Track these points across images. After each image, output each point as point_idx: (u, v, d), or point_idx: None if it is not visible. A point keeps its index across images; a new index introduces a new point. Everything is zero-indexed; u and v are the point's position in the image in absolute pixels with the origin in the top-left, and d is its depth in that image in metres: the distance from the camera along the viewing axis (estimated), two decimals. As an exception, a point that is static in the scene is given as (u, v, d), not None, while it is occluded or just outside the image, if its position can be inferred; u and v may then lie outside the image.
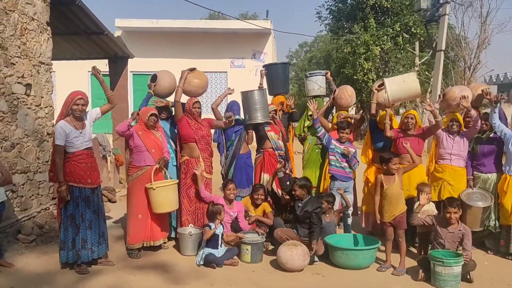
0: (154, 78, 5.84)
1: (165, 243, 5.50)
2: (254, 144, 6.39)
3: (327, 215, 5.49)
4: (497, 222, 5.42)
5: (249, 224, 5.65)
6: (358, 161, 5.94)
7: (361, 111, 16.17)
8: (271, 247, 5.53)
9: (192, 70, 5.75)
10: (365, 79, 19.66)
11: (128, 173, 5.24)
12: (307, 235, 5.09)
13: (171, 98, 5.97)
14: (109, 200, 7.85)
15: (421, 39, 21.24)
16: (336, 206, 5.68)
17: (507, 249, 5.27)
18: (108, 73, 8.89)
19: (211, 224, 5.11)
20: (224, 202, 5.50)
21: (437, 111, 5.54)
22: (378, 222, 5.10)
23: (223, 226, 5.20)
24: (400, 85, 5.76)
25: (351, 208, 5.88)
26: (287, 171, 6.51)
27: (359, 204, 6.50)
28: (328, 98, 6.85)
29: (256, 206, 5.91)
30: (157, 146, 5.26)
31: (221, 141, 6.33)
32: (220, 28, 17.90)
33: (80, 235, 4.60)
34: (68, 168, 4.53)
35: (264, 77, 6.89)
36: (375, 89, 6.08)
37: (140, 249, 5.20)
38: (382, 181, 5.06)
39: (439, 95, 6.04)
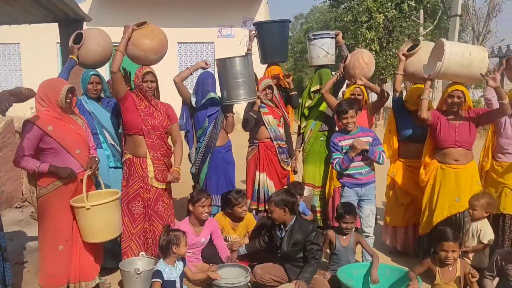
0: (78, 38, 4.02)
1: (103, 281, 3.79)
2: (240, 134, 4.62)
3: (344, 236, 3.81)
4: None
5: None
6: (383, 152, 4.08)
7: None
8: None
9: (141, 25, 3.90)
10: (368, 50, 17.97)
11: (38, 183, 3.37)
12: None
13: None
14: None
15: (428, 5, 19.69)
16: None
17: None
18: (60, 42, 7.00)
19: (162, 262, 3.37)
20: (189, 227, 3.81)
21: (502, 89, 3.78)
22: None
23: (184, 262, 3.47)
24: (463, 59, 3.83)
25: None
26: (290, 170, 4.82)
27: (379, 213, 4.82)
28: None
29: (234, 222, 4.22)
30: (81, 141, 3.46)
31: (189, 129, 4.58)
32: (206, -8, 15.95)
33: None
34: None
35: (255, 40, 5.10)
36: (403, 54, 4.33)
37: (64, 295, 3.48)
38: (435, 271, 3.30)
39: (501, 61, 4.25)
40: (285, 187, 4.57)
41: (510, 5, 52.86)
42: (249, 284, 3.61)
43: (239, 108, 4.94)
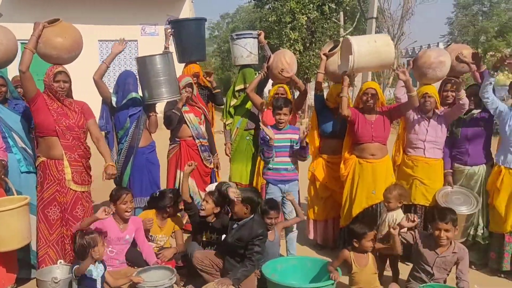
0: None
1: (16, 291, 3.55)
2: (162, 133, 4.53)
3: (270, 231, 3.87)
4: (485, 230, 4.12)
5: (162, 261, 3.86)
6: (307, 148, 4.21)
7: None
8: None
9: (53, 22, 3.68)
10: (292, 50, 18.41)
11: None
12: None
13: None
14: None
15: (347, 8, 20.59)
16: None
17: (499, 264, 4.00)
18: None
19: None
20: (113, 222, 3.67)
21: (411, 82, 4.05)
22: None
23: (104, 266, 3.34)
24: (370, 47, 4.07)
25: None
26: (211, 165, 4.82)
27: (302, 208, 4.96)
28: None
29: (162, 221, 4.13)
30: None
31: (110, 129, 4.42)
32: (128, -11, 15.39)
33: None
34: None
35: (171, 38, 5.02)
36: (324, 54, 4.49)
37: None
38: (351, 261, 3.49)
39: (408, 61, 4.57)
40: (216, 184, 4.54)
41: (421, 9, 56.76)
42: (175, 285, 3.55)
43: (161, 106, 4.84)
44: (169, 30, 5.04)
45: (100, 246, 3.23)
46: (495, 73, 3.88)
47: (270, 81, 5.00)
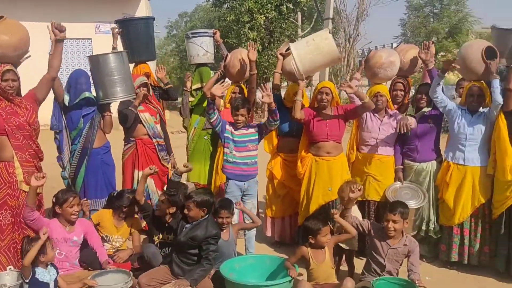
0: None
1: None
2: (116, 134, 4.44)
3: (224, 231, 3.87)
4: (437, 225, 4.30)
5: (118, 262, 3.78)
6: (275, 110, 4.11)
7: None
8: None
9: (-4, 20, 3.51)
10: (251, 50, 18.49)
11: None
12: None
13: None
14: None
15: (304, 8, 20.90)
16: (236, 219, 4.09)
17: (449, 256, 4.18)
18: None
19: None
20: (58, 224, 3.56)
21: (359, 90, 4.17)
22: None
23: (56, 269, 3.24)
24: (309, 47, 4.24)
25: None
26: (168, 165, 4.77)
27: (261, 207, 5.01)
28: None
29: (119, 221, 4.05)
30: None
31: (61, 129, 4.28)
32: (82, -15, 14.96)
33: None
34: None
35: (119, 38, 4.92)
36: (280, 53, 4.54)
37: None
38: (308, 257, 3.54)
39: (360, 62, 4.70)
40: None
41: (376, 10, 58.50)
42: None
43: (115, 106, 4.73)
44: (117, 29, 4.93)
45: (50, 250, 3.16)
46: (444, 75, 4.06)
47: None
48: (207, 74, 5.02)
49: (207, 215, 3.55)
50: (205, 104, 5.00)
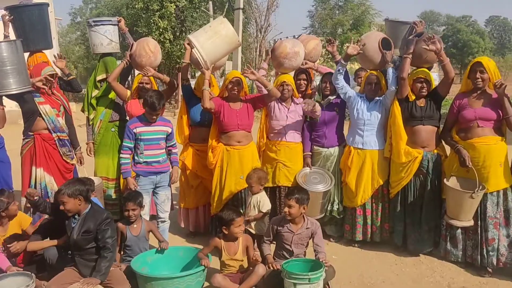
0: None
1: None
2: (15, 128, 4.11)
3: (135, 225, 3.77)
4: (340, 205, 4.56)
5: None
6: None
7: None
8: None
9: None
10: (162, 39, 18.06)
11: None
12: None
13: None
14: None
15: (215, -2, 20.92)
16: (146, 210, 4.01)
17: (353, 235, 4.46)
18: None
19: None
20: None
21: (264, 78, 4.28)
22: None
23: None
24: (207, 33, 4.28)
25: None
26: (73, 161, 4.53)
27: (175, 198, 4.96)
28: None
29: (2, 226, 3.74)
30: None
31: None
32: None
33: None
34: None
35: (10, 26, 4.53)
36: (187, 44, 4.49)
37: None
38: (221, 248, 3.57)
39: (267, 51, 4.80)
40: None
41: (285, 1, 59.94)
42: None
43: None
44: (7, 16, 4.53)
45: None
46: (345, 63, 4.30)
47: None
48: (112, 64, 4.81)
49: (89, 205, 3.41)
50: (111, 96, 4.81)
